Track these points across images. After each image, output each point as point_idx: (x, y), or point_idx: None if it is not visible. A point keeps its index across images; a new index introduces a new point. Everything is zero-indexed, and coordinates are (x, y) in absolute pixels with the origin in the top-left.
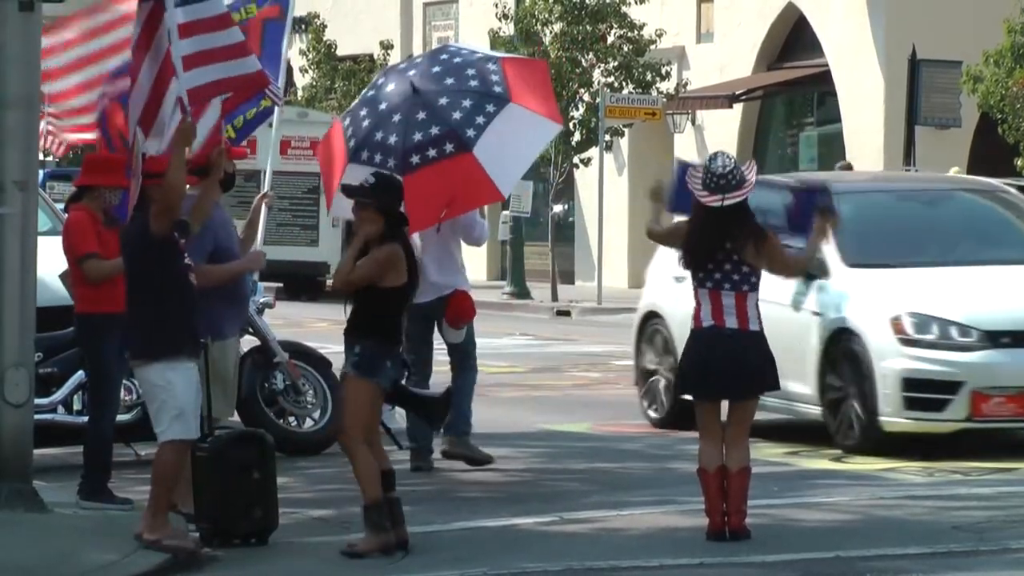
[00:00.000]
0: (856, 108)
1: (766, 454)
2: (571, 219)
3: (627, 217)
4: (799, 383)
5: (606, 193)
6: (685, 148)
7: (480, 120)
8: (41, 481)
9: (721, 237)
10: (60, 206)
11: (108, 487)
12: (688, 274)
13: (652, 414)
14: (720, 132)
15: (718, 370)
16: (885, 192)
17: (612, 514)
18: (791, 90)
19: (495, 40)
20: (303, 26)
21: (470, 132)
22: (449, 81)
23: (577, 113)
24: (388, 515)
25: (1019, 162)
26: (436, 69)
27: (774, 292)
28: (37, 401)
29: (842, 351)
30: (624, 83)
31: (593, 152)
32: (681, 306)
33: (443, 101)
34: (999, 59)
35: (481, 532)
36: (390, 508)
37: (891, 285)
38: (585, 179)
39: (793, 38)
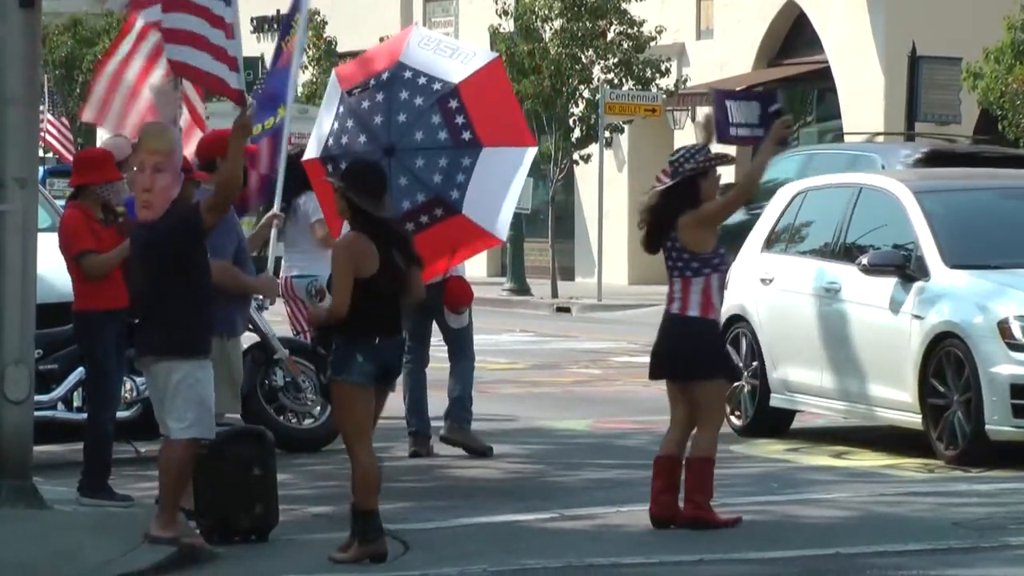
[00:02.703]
0: (856, 104)
1: (766, 451)
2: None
3: (627, 213)
4: (896, 389)
5: (606, 189)
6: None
7: (460, 178)
8: (41, 478)
9: (660, 221)
10: (61, 203)
11: (108, 484)
12: (774, 275)
13: (735, 421)
14: None
15: (662, 353)
16: (987, 189)
17: (612, 511)
18: (791, 86)
19: (495, 37)
20: None
21: (454, 194)
22: (419, 136)
23: (577, 109)
24: (379, 527)
25: None
26: (402, 117)
27: (870, 294)
28: (37, 398)
29: (944, 356)
30: (624, 80)
31: (593, 148)
32: (766, 309)
33: (420, 163)
34: (999, 56)
35: (481, 529)
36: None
37: (996, 287)
38: (585, 175)
39: (793, 35)
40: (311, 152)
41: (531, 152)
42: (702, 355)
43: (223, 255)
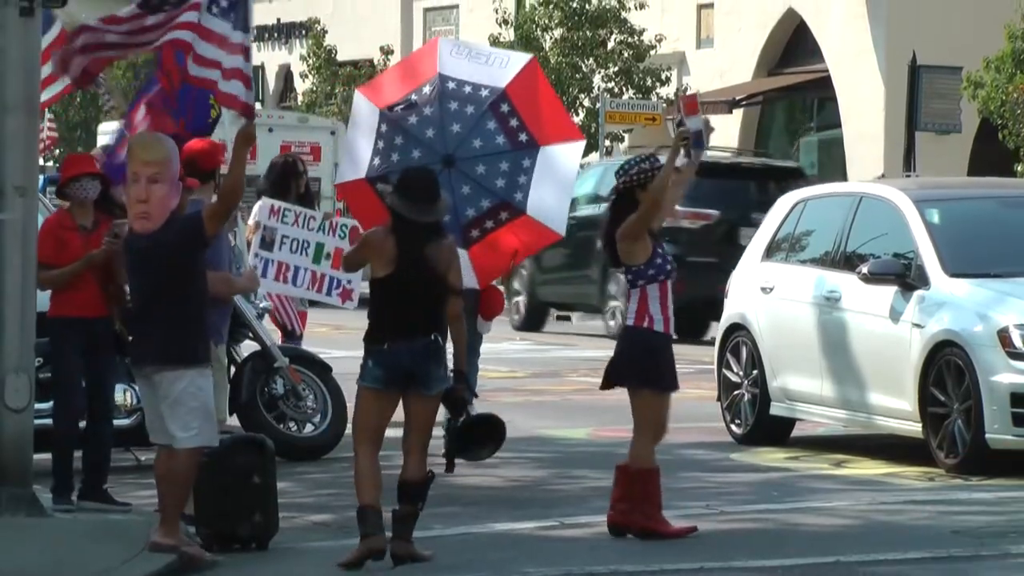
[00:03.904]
0: (856, 113)
1: (766, 459)
2: None
3: None
4: (896, 398)
5: None
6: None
7: (522, 180)
8: (41, 486)
9: (610, 236)
10: None
11: (105, 489)
12: (775, 284)
13: (735, 429)
14: (720, 137)
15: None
16: (987, 199)
17: None
18: (791, 95)
19: (495, 46)
20: (303, 31)
21: (518, 196)
22: (477, 143)
23: (577, 118)
24: (375, 523)
25: (1019, 167)
26: (456, 128)
27: (870, 303)
28: (37, 406)
29: (945, 365)
30: (624, 88)
31: (593, 157)
32: (766, 318)
33: (481, 170)
34: (999, 65)
35: (481, 537)
36: (394, 520)
37: (996, 295)
38: None
39: (793, 43)
40: (351, 174)
41: (581, 145)
42: (629, 363)
43: (220, 266)
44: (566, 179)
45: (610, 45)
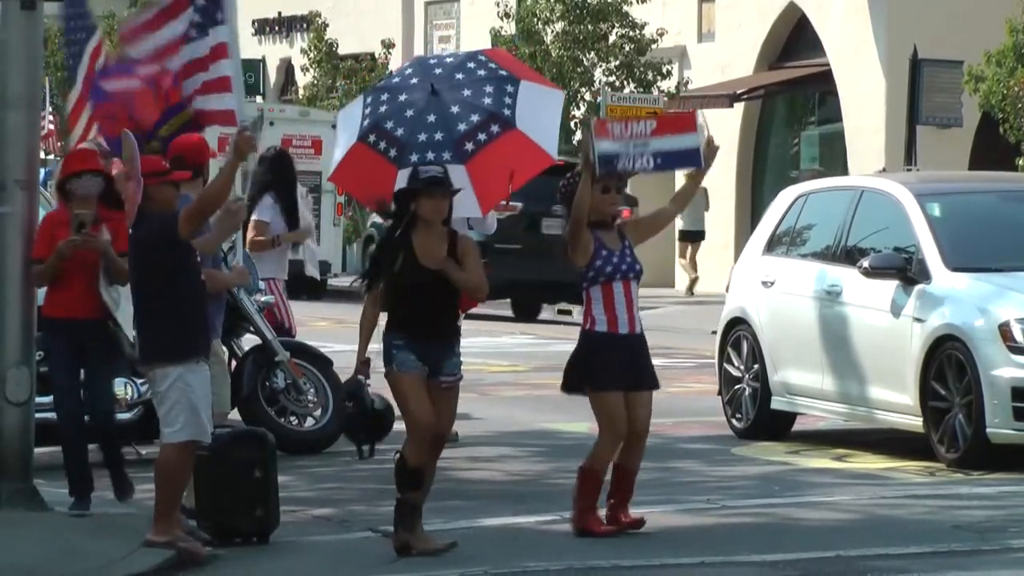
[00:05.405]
0: (857, 108)
1: (767, 453)
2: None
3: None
4: (897, 392)
5: None
6: None
7: (508, 100)
8: (42, 480)
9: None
10: None
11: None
12: (776, 278)
13: (736, 424)
14: (721, 131)
15: None
16: (989, 193)
17: None
18: (792, 89)
19: (497, 39)
20: (304, 25)
21: (506, 111)
22: (459, 76)
23: (578, 112)
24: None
25: (1020, 161)
26: (438, 71)
27: (871, 297)
28: (38, 400)
29: (945, 359)
30: (625, 82)
31: None
32: (767, 312)
33: (467, 92)
34: (1001, 59)
35: (482, 531)
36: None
37: (997, 290)
38: None
39: (794, 37)
40: (343, 149)
41: (561, 95)
42: (574, 366)
43: (206, 262)
44: (550, 113)
45: (611, 39)
